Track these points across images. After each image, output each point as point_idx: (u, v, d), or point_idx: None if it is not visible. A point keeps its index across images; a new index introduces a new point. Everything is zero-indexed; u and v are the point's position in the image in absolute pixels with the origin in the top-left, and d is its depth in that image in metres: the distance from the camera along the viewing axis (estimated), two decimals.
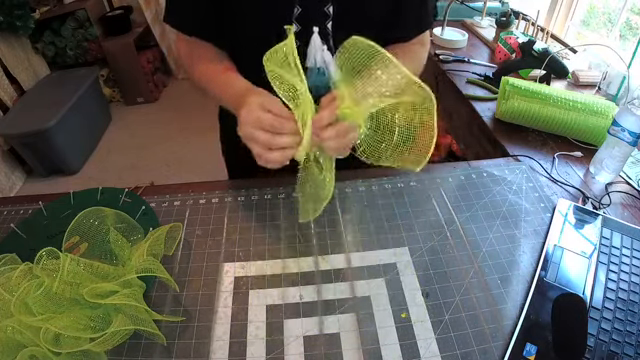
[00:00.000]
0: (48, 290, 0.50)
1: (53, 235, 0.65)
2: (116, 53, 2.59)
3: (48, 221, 0.68)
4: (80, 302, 0.51)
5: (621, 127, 0.69)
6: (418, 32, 0.73)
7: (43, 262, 0.52)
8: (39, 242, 0.63)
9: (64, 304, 0.50)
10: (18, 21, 2.13)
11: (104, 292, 0.50)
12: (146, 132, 2.60)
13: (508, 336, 0.50)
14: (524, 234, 0.64)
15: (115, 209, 0.63)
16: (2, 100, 2.13)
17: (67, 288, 0.50)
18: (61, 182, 2.22)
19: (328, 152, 0.52)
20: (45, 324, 0.46)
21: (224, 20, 0.66)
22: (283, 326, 0.53)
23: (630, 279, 0.56)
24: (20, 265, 0.55)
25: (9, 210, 0.73)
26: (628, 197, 0.72)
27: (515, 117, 0.90)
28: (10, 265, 0.56)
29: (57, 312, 0.49)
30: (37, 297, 0.49)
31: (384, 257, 0.61)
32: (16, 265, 0.55)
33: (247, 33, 0.67)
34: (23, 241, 0.65)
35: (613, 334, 0.50)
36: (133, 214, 0.65)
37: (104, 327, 0.48)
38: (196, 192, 0.74)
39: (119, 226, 0.62)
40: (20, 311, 0.48)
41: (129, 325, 0.49)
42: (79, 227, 0.60)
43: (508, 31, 1.32)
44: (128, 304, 0.50)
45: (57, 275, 0.50)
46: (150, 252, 0.57)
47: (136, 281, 0.54)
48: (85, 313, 0.50)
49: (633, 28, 1.38)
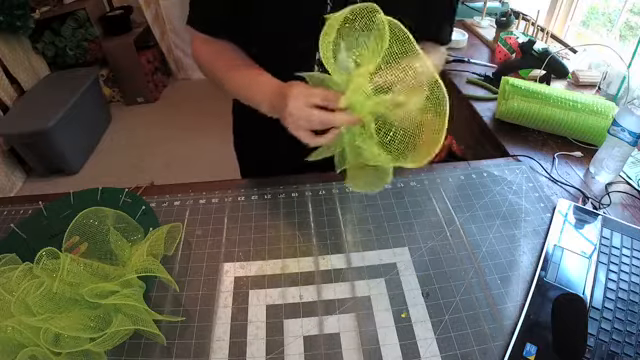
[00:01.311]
0: (48, 290, 0.50)
1: (53, 235, 0.65)
2: (116, 53, 2.59)
3: (48, 221, 0.68)
4: (80, 302, 0.51)
5: (621, 127, 0.69)
6: (438, 43, 0.72)
7: (43, 262, 0.52)
8: (39, 242, 0.63)
9: (64, 304, 0.50)
10: (18, 21, 2.13)
11: (104, 292, 0.50)
12: (146, 132, 2.60)
13: (508, 336, 0.50)
14: (524, 234, 0.64)
15: (115, 209, 0.63)
16: (2, 100, 2.13)
17: (67, 288, 0.50)
18: (61, 182, 2.22)
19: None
20: (45, 324, 0.46)
21: (250, 20, 0.65)
22: (283, 326, 0.53)
23: (630, 279, 0.56)
24: (20, 265, 0.55)
25: (9, 210, 0.73)
26: (628, 197, 0.72)
27: (515, 117, 0.90)
28: (10, 265, 0.56)
29: (57, 312, 0.49)
30: (37, 297, 0.49)
31: (384, 257, 0.61)
32: (16, 265, 0.55)
33: (275, 31, 0.65)
34: (23, 241, 0.65)
35: (613, 334, 0.50)
36: (133, 214, 0.65)
37: (104, 327, 0.48)
38: (196, 192, 0.74)
39: (119, 226, 0.62)
40: (20, 311, 0.48)
41: (129, 325, 0.49)
42: (79, 227, 0.60)
43: (508, 31, 1.32)
44: (128, 304, 0.50)
45: (57, 275, 0.50)
46: (150, 252, 0.57)
47: (136, 281, 0.54)
48: (85, 313, 0.50)
49: (633, 28, 1.38)
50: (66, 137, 2.13)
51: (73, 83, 2.33)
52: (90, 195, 0.72)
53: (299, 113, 0.51)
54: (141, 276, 0.54)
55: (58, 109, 2.09)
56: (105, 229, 0.61)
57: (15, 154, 2.15)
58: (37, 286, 0.50)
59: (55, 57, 2.54)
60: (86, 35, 2.55)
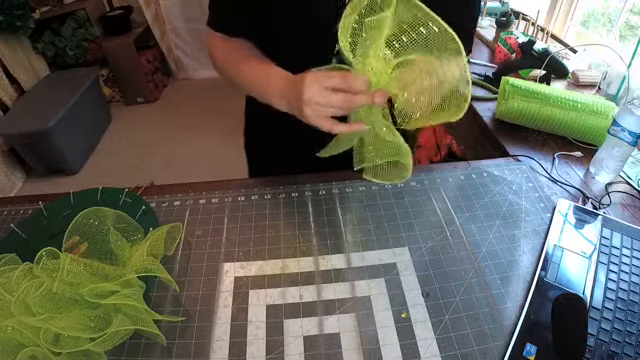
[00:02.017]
0: (48, 290, 0.49)
1: (53, 235, 0.65)
2: (116, 53, 2.59)
3: (48, 221, 0.68)
4: (80, 302, 0.51)
5: (621, 127, 0.69)
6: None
7: (43, 262, 0.52)
8: (39, 242, 0.62)
9: (64, 304, 0.50)
10: (18, 21, 2.13)
11: (104, 292, 0.50)
12: (146, 132, 2.60)
13: (508, 336, 0.50)
14: (524, 234, 0.64)
15: (115, 209, 0.63)
16: (2, 100, 2.13)
17: (67, 288, 0.50)
18: (61, 182, 2.22)
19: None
20: (45, 324, 0.46)
21: (266, 18, 0.65)
22: (283, 326, 0.53)
23: (630, 279, 0.56)
24: (20, 265, 0.55)
25: (9, 210, 0.73)
26: (628, 197, 0.72)
27: (515, 117, 0.90)
28: (10, 265, 0.56)
29: (57, 312, 0.49)
30: (37, 297, 0.49)
31: (384, 257, 0.61)
32: (16, 265, 0.55)
33: (289, 34, 0.66)
34: (23, 241, 0.65)
35: (613, 334, 0.50)
36: (133, 214, 0.65)
37: (104, 327, 0.48)
38: (196, 192, 0.74)
39: (119, 226, 0.62)
40: (20, 311, 0.48)
41: (129, 325, 0.49)
42: (79, 227, 0.60)
43: (508, 31, 1.32)
44: (128, 304, 0.50)
45: (57, 275, 0.50)
46: (150, 252, 0.57)
47: (136, 281, 0.54)
48: (85, 313, 0.50)
49: (633, 28, 1.38)
50: (66, 137, 2.13)
51: (73, 83, 2.33)
52: (90, 195, 0.72)
53: (317, 99, 0.49)
54: (141, 276, 0.53)
55: (58, 109, 2.09)
56: (105, 229, 0.61)
57: (15, 154, 2.15)
58: (37, 286, 0.50)
59: (55, 57, 2.54)
60: (86, 35, 2.55)
